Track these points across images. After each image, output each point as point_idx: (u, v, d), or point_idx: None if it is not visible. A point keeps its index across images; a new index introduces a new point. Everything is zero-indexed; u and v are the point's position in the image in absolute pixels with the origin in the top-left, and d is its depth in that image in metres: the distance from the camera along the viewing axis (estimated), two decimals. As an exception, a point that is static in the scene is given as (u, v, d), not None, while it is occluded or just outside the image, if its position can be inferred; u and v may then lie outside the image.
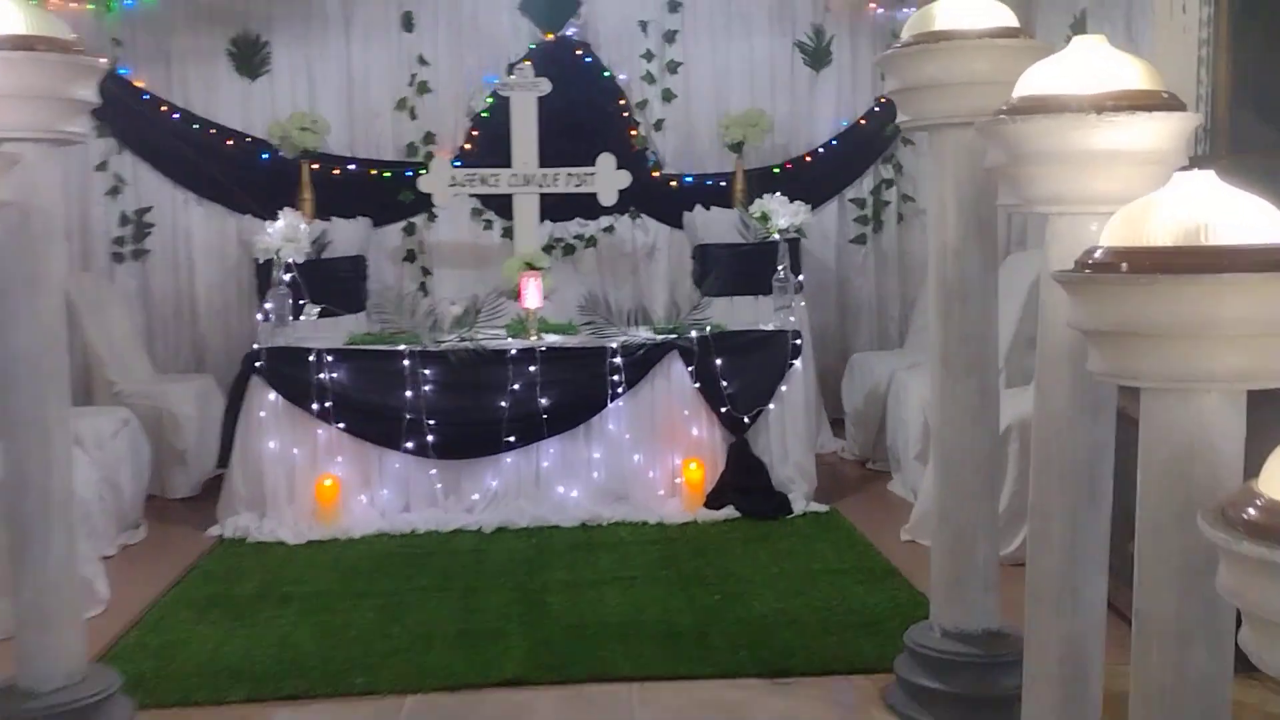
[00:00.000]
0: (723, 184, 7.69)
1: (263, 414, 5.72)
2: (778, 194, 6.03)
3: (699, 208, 7.35)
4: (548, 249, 7.62)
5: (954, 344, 3.62)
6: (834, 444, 7.15)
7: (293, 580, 5.01)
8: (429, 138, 7.72)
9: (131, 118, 7.50)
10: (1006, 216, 7.90)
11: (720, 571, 4.95)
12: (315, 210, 7.22)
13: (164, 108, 7.54)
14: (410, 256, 7.81)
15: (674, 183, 7.79)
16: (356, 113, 7.73)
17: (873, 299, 8.02)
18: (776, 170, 7.79)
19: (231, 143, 7.58)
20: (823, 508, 5.83)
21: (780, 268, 5.99)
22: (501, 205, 7.48)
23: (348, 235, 7.17)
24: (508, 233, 7.49)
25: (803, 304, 5.97)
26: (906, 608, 4.45)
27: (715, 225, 7.26)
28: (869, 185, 7.99)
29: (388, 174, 7.67)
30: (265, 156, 7.44)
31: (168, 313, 7.72)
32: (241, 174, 7.57)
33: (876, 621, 4.37)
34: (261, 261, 5.81)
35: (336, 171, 7.63)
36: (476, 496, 5.79)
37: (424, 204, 7.32)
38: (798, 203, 6.01)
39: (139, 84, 7.54)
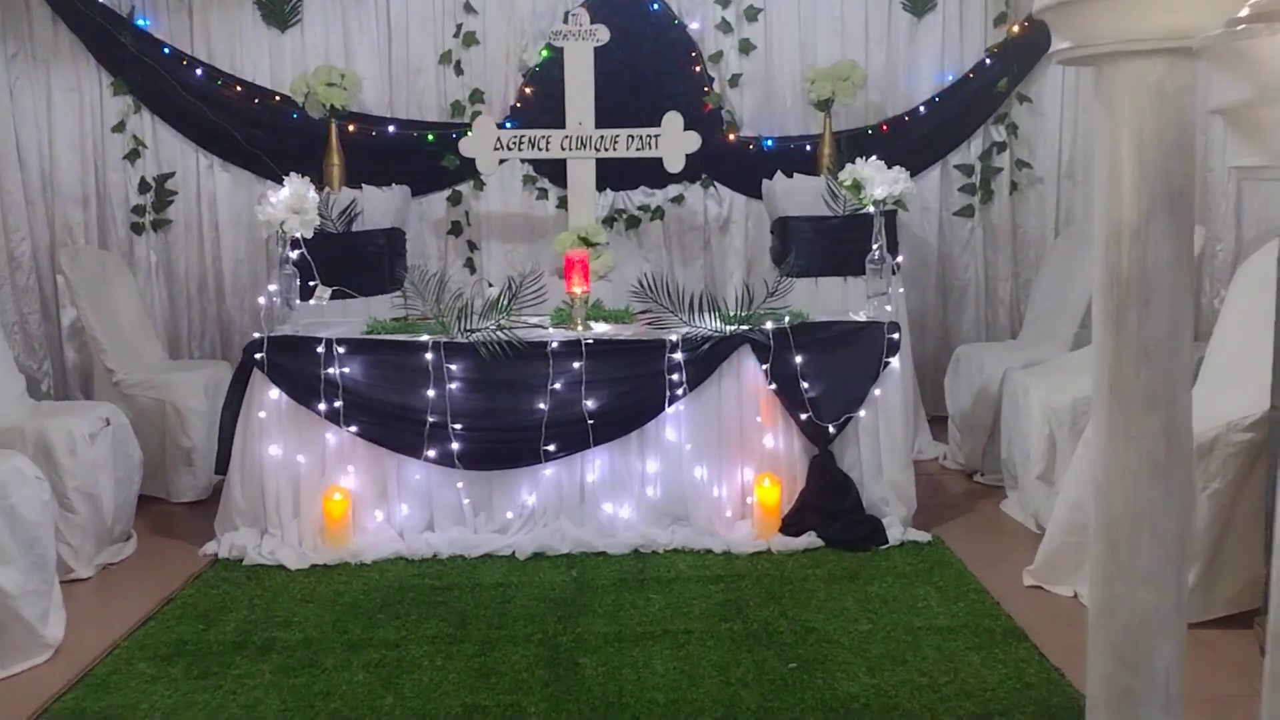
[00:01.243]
0: (808, 148, 6.61)
1: (263, 414, 4.79)
2: (873, 159, 4.92)
3: (780, 175, 6.26)
4: (608, 221, 6.63)
5: (1129, 366, 2.53)
6: (934, 449, 6.05)
7: (281, 621, 4.08)
8: (476, 96, 6.73)
9: (151, 74, 6.63)
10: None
11: (797, 626, 3.91)
12: (344, 177, 6.27)
13: (186, 62, 6.66)
14: (455, 229, 6.84)
15: (751, 146, 6.72)
16: (396, 68, 6.78)
17: (980, 281, 6.87)
18: (870, 132, 6.68)
19: (259, 101, 6.67)
20: (924, 536, 4.75)
21: (875, 246, 4.90)
22: (557, 172, 6.48)
23: (381, 205, 6.21)
24: (564, 203, 6.51)
25: (901, 290, 4.88)
26: (1039, 689, 3.40)
27: (798, 195, 6.17)
28: (977, 149, 6.83)
29: (430, 136, 6.70)
30: (295, 116, 6.50)
31: (192, 289, 6.87)
32: (270, 136, 6.67)
33: (1001, 711, 3.30)
34: (265, 236, 4.85)
35: (374, 133, 6.66)
36: (510, 515, 4.81)
37: (470, 170, 6.34)
38: (896, 169, 4.90)
39: (159, 36, 6.64)
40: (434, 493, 4.83)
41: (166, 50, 6.64)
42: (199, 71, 6.65)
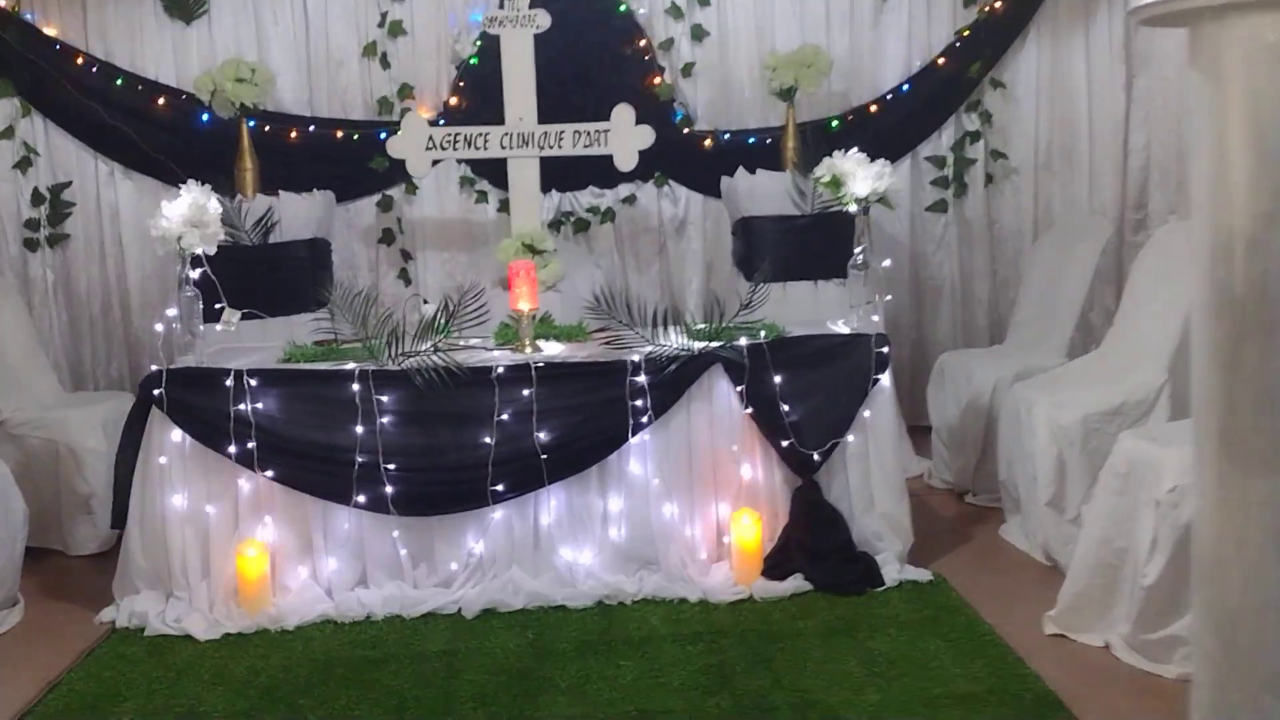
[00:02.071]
0: (769, 141, 6.00)
1: (163, 460, 4.09)
2: (853, 151, 4.31)
3: (741, 171, 5.66)
4: (554, 225, 5.99)
5: (1247, 414, 1.94)
6: (917, 464, 5.46)
7: (184, 711, 3.39)
8: (405, 90, 6.07)
9: (40, 73, 5.88)
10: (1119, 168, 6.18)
11: (795, 699, 3.30)
12: (259, 182, 5.57)
13: (80, 59, 5.92)
14: (387, 238, 6.16)
15: (708, 141, 6.11)
16: (316, 61, 6.09)
17: (955, 279, 6.31)
18: (835, 123, 6.08)
19: (163, 101, 5.94)
20: (923, 575, 4.16)
21: (859, 250, 4.30)
22: (497, 173, 5.84)
23: (302, 214, 5.52)
24: (505, 206, 5.86)
25: (889, 297, 4.28)
26: (1090, 779, 2.80)
27: (762, 193, 5.57)
28: (949, 140, 6.27)
29: (355, 136, 6.00)
30: (206, 118, 5.77)
31: (95, 310, 6.14)
32: (176, 139, 5.96)
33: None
34: (161, 254, 4.16)
35: (293, 134, 5.96)
36: (455, 566, 4.15)
37: (401, 173, 5.66)
38: (880, 162, 4.29)
39: (49, 30, 5.90)
40: (366, 543, 4.15)
41: (58, 47, 5.90)
42: (95, 70, 5.92)
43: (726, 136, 6.08)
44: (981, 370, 5.05)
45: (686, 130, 6.09)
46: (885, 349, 4.21)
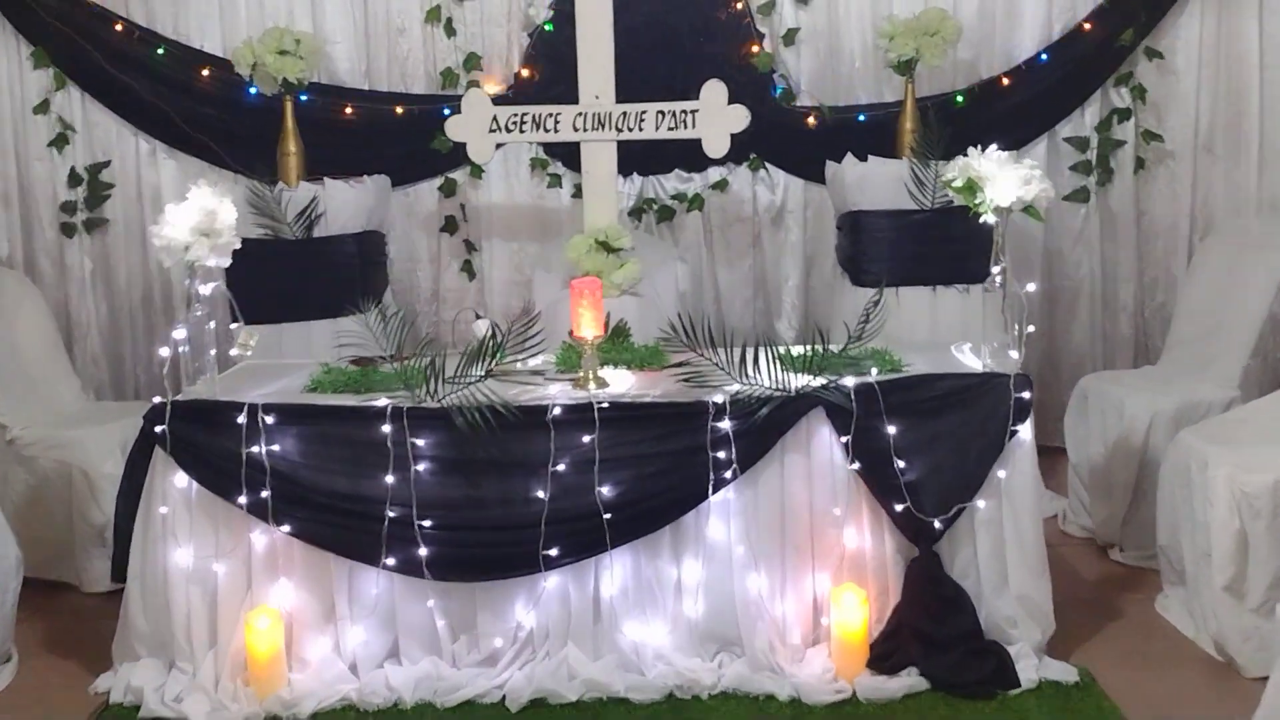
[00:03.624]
0: (882, 119, 5.12)
1: (164, 510, 3.44)
2: (993, 149, 3.44)
3: (850, 159, 4.80)
4: (635, 213, 5.22)
5: None
6: (1051, 504, 4.60)
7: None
8: (472, 61, 5.31)
9: (77, 42, 5.23)
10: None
11: None
12: (304, 168, 4.88)
13: (119, 26, 5.26)
14: (450, 226, 5.44)
15: (811, 118, 5.25)
16: (374, 28, 5.37)
17: (1095, 281, 5.40)
18: (960, 99, 5.19)
19: (207, 73, 5.27)
20: (1068, 673, 3.36)
21: (996, 270, 3.44)
22: (573, 153, 5.05)
23: (350, 204, 4.82)
24: (581, 190, 5.09)
25: (1032, 329, 3.44)
26: None
27: (874, 184, 4.73)
28: (1094, 118, 5.32)
29: (416, 111, 5.27)
30: (254, 91, 5.09)
31: (135, 301, 5.53)
32: (223, 115, 5.30)
33: None
34: (167, 266, 3.48)
35: (348, 110, 5.26)
36: (499, 642, 3.45)
37: (466, 154, 4.88)
38: (1028, 163, 3.41)
39: (87, -4, 5.27)
40: (398, 611, 3.48)
41: (95, 11, 5.26)
42: (135, 37, 5.26)
43: (834, 113, 5.22)
44: (1134, 402, 4.18)
45: (787, 106, 5.24)
46: (1027, 394, 3.38)
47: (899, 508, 3.34)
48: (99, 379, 5.47)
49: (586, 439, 3.36)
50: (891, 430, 3.34)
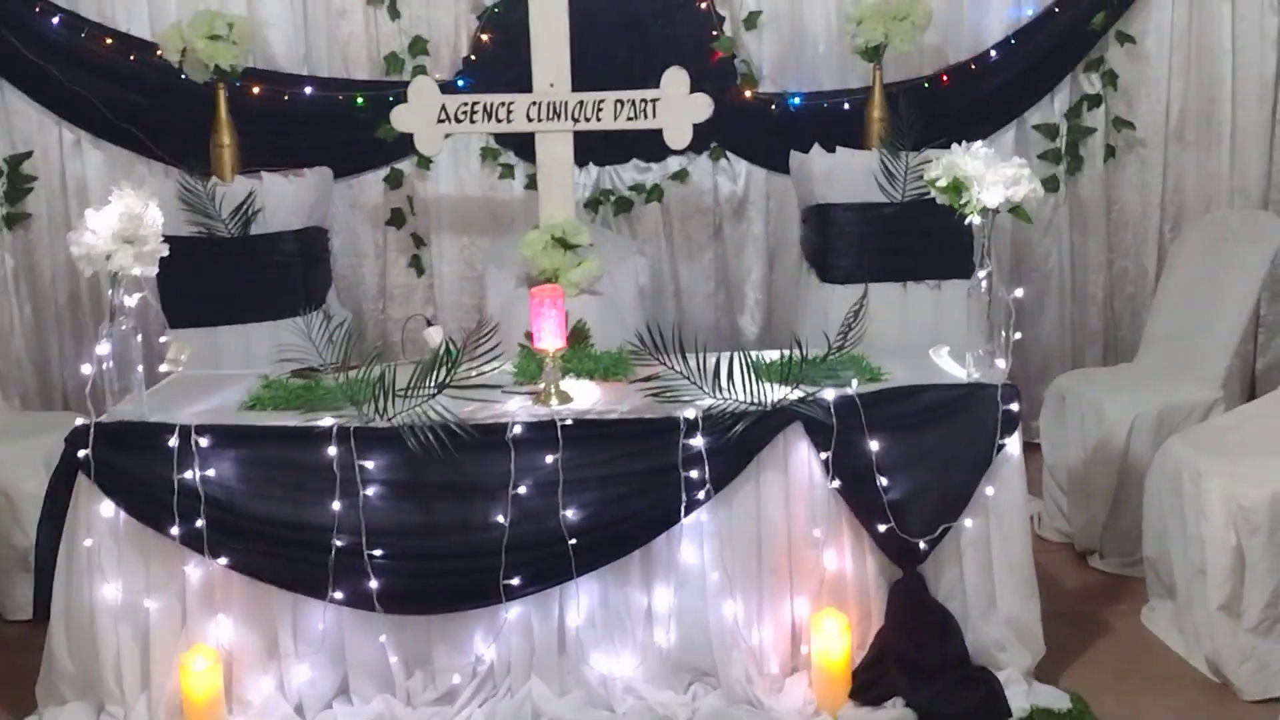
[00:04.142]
0: (846, 106, 4.90)
1: (89, 543, 3.14)
2: (978, 145, 3.21)
3: (817, 149, 4.56)
4: (592, 205, 4.95)
5: None
6: (1027, 505, 4.38)
7: None
8: (418, 45, 5.00)
9: (-8, 24, 4.86)
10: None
11: None
12: (239, 161, 4.56)
13: (38, 8, 4.88)
14: (397, 219, 5.14)
15: (774, 105, 5.03)
16: (313, 10, 5.03)
17: (1065, 272, 5.22)
18: (926, 85, 4.99)
19: (134, 58, 4.90)
20: (1060, 699, 3.18)
21: (983, 274, 3.22)
22: (525, 143, 4.81)
23: (289, 199, 4.50)
24: (534, 181, 4.83)
25: (1018, 335, 3.23)
26: None
27: (843, 175, 4.50)
28: (1063, 105, 5.12)
29: (359, 99, 4.95)
30: (186, 77, 4.74)
31: (61, 301, 5.17)
32: (153, 104, 4.94)
33: None
34: (88, 276, 3.17)
35: (285, 97, 4.93)
36: (457, 679, 3.20)
37: (413, 143, 4.58)
38: (1016, 161, 3.19)
39: (2, -27, 4.88)
40: (347, 646, 3.21)
41: (12, -9, 4.88)
42: (56, 20, 4.88)
43: (796, 101, 4.99)
44: (1114, 404, 4.00)
45: (748, 93, 5.00)
46: (1015, 405, 3.18)
47: (882, 528, 3.12)
48: (24, 384, 5.12)
49: (549, 459, 3.10)
50: (874, 446, 3.12)
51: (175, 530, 3.10)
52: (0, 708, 3.41)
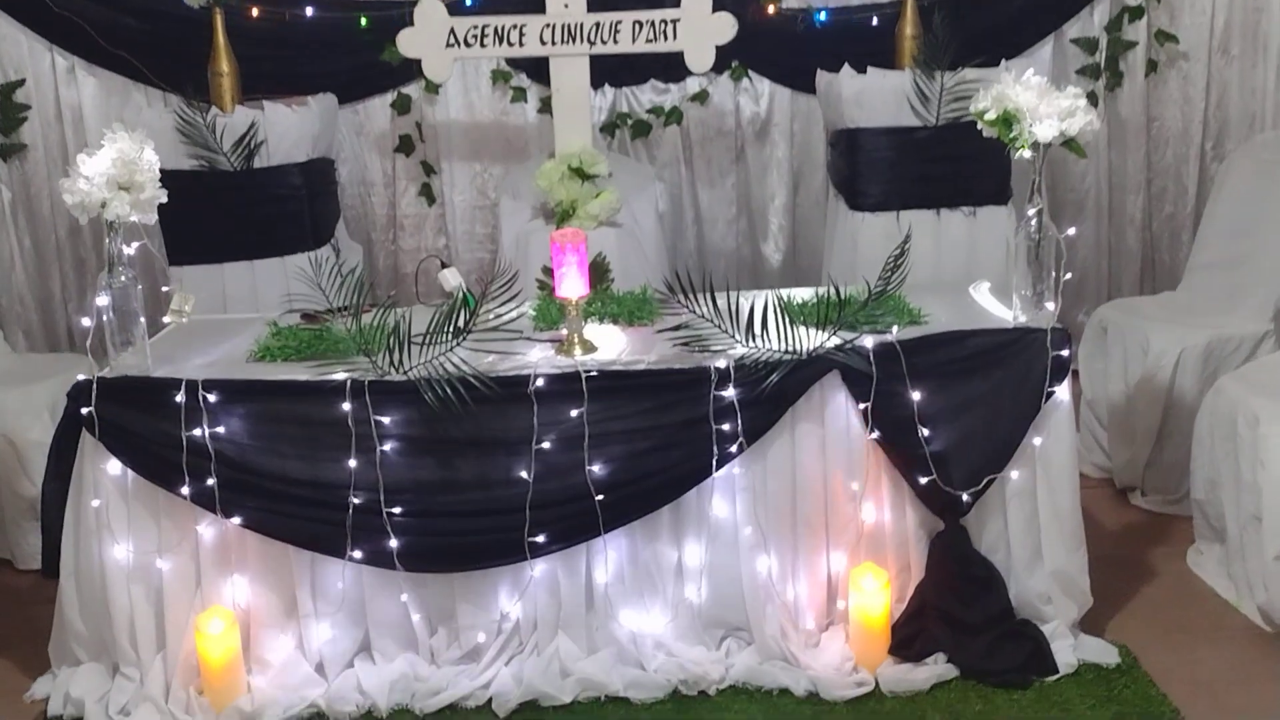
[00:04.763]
0: (875, 22, 4.63)
1: (97, 503, 3.00)
2: (1030, 74, 2.97)
3: (847, 70, 4.30)
4: (608, 129, 4.73)
5: None
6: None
7: None
8: (424, -39, 4.69)
9: (-23, -56, 4.60)
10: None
11: None
12: (239, 90, 4.33)
13: (24, -73, 4.61)
14: (405, 146, 4.92)
15: (800, 21, 4.75)
16: (313, -74, 4.73)
17: (1101, 193, 4.99)
18: (960, -5, 4.68)
19: (127, -21, 4.65)
20: (1108, 653, 3.05)
21: (1033, 212, 3.01)
22: (538, 64, 4.56)
23: (293, 130, 4.27)
24: (547, 105, 4.61)
25: (1069, 276, 3.04)
26: None
27: (874, 98, 4.25)
28: (1103, 18, 4.85)
29: (364, 20, 4.70)
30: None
31: (61, 234, 4.99)
32: (147, 28, 4.69)
33: None
34: (84, 223, 2.98)
35: (285, 18, 4.68)
36: (482, 637, 3.08)
37: (420, 66, 4.34)
38: (1071, 90, 2.96)
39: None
40: (368, 604, 3.08)
41: (-5, -92, 4.62)
42: (43, -62, 4.62)
43: (822, 16, 4.72)
44: (1159, 336, 3.81)
45: (771, 9, 4.73)
46: (1065, 351, 3.00)
47: (923, 481, 2.96)
48: (27, 321, 4.97)
49: (574, 412, 2.94)
50: (916, 396, 2.95)
51: (185, 490, 2.96)
52: (13, 662, 3.31)
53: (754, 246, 5.02)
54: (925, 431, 2.96)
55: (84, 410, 2.98)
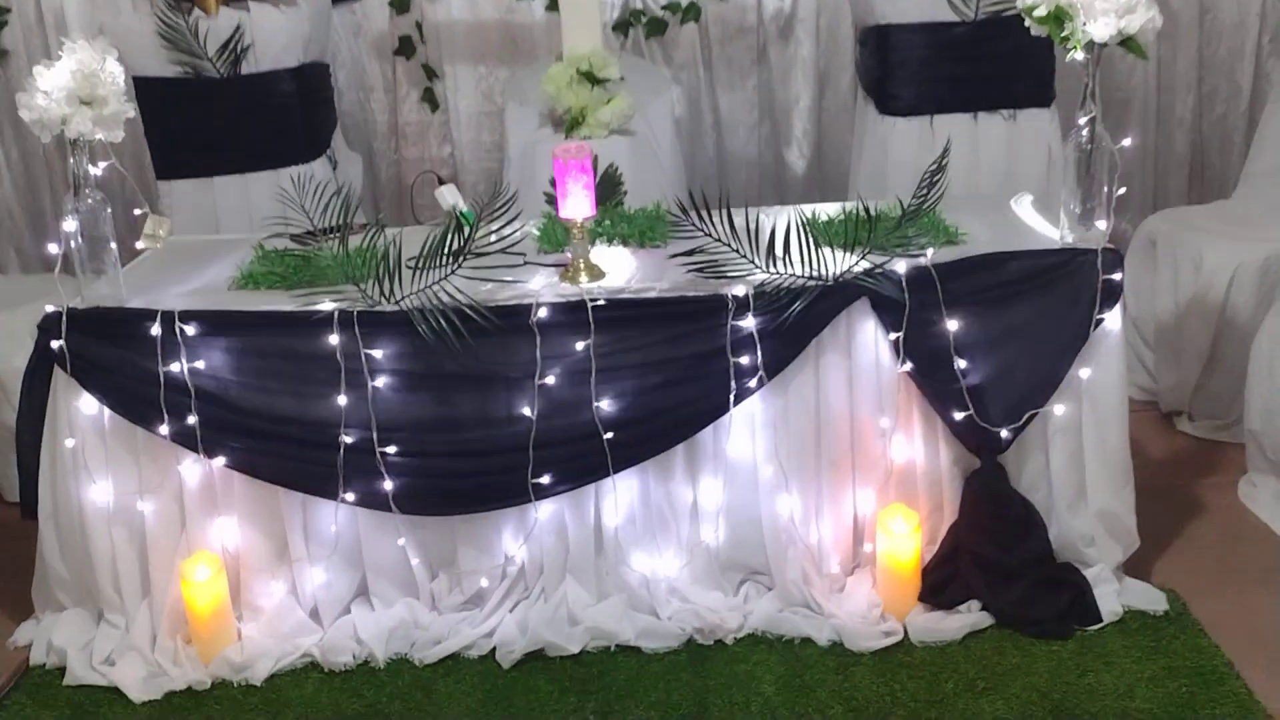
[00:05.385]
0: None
1: (71, 442, 2.79)
2: (1082, -43, 2.65)
3: (877, -41, 3.94)
4: (621, 27, 4.40)
5: None
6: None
7: None
8: None
9: None
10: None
11: None
12: (224, -12, 4.00)
13: None
14: (405, 48, 4.59)
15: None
16: None
17: (1149, 93, 4.63)
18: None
19: None
20: (1156, 599, 2.82)
21: (1085, 118, 2.70)
22: (543, -43, 4.21)
23: (282, 33, 3.95)
24: (555, 3, 4.27)
25: (1122, 190, 2.74)
26: None
27: (905, -10, 3.89)
28: (1157, -102, 4.42)
29: (357, -89, 4.36)
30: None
31: (49, 146, 4.70)
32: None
33: None
34: (46, 141, 2.72)
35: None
36: (485, 582, 2.87)
37: (417, -39, 4.02)
38: (1133, -22, 2.63)
39: None
40: (364, 546, 2.88)
41: None
42: None
43: (851, -100, 4.33)
44: (1212, 251, 3.52)
45: (797, -108, 4.35)
46: (1118, 275, 2.71)
47: (959, 416, 2.71)
48: (18, 236, 4.75)
49: (580, 345, 2.69)
50: (952, 325, 2.68)
51: (164, 429, 2.74)
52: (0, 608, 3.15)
53: (776, 153, 4.71)
54: (962, 363, 2.70)
55: (54, 344, 2.75)
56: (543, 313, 2.69)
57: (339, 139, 4.31)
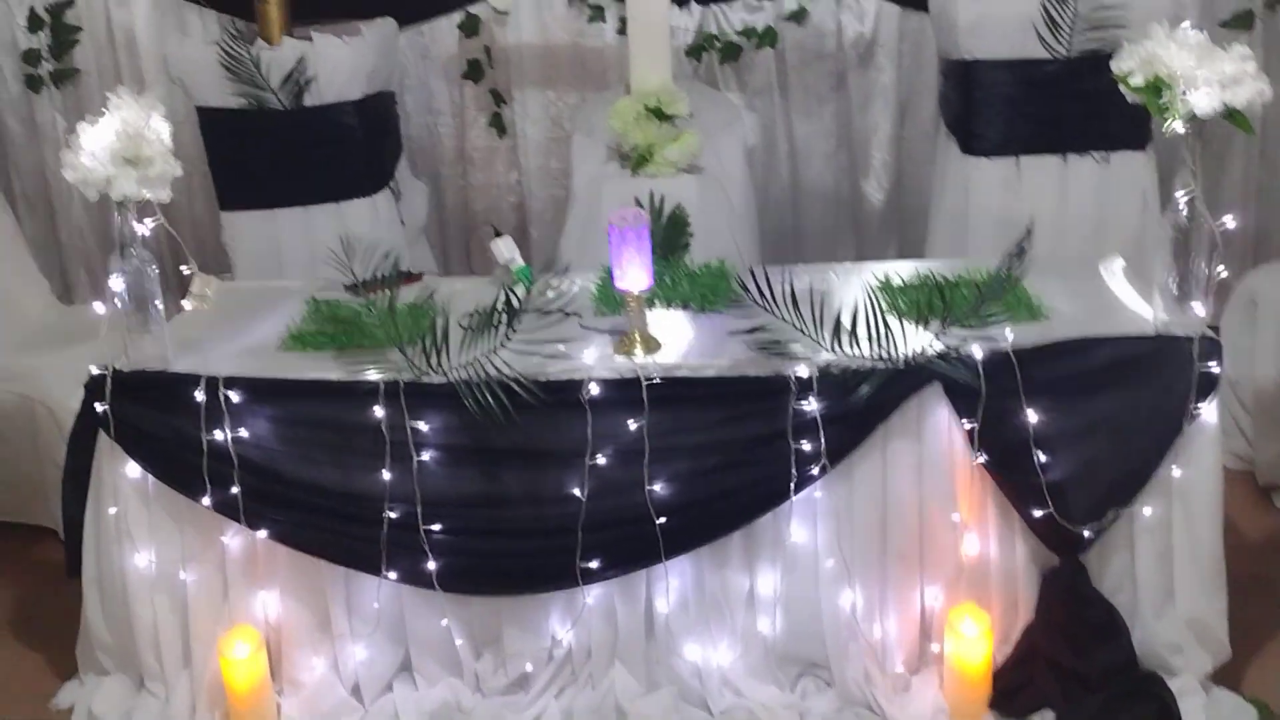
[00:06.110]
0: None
1: (114, 510, 2.71)
2: (1186, 26, 2.40)
3: (967, -8, 3.70)
4: (695, 53, 4.21)
5: None
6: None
7: None
8: None
9: None
10: None
11: None
12: (289, 20, 3.90)
13: None
14: (474, 72, 4.46)
15: (912, -71, 4.12)
16: None
17: (1254, 139, 4.29)
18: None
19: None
20: (1248, 715, 2.59)
21: (1185, 195, 2.46)
22: (617, -20, 4.04)
23: (347, 62, 3.84)
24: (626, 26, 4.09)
25: (1223, 272, 2.50)
26: None
27: (994, 26, 3.65)
28: (1269, -77, 4.12)
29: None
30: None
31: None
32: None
33: None
34: (94, 199, 2.62)
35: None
36: (530, 666, 2.74)
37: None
38: (1238, 53, 2.38)
39: None
40: (408, 623, 2.77)
41: None
42: None
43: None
44: (1321, 315, 3.24)
45: (880, -86, 4.12)
46: (1215, 365, 2.48)
47: (1038, 514, 2.51)
48: (87, 257, 4.73)
49: (633, 424, 2.53)
50: (1032, 416, 2.47)
51: (207, 500, 2.64)
52: (44, 662, 3.10)
53: (853, 184, 4.49)
54: (1042, 457, 2.49)
55: (99, 407, 2.66)
56: (595, 389, 2.53)
57: (404, 167, 4.20)
